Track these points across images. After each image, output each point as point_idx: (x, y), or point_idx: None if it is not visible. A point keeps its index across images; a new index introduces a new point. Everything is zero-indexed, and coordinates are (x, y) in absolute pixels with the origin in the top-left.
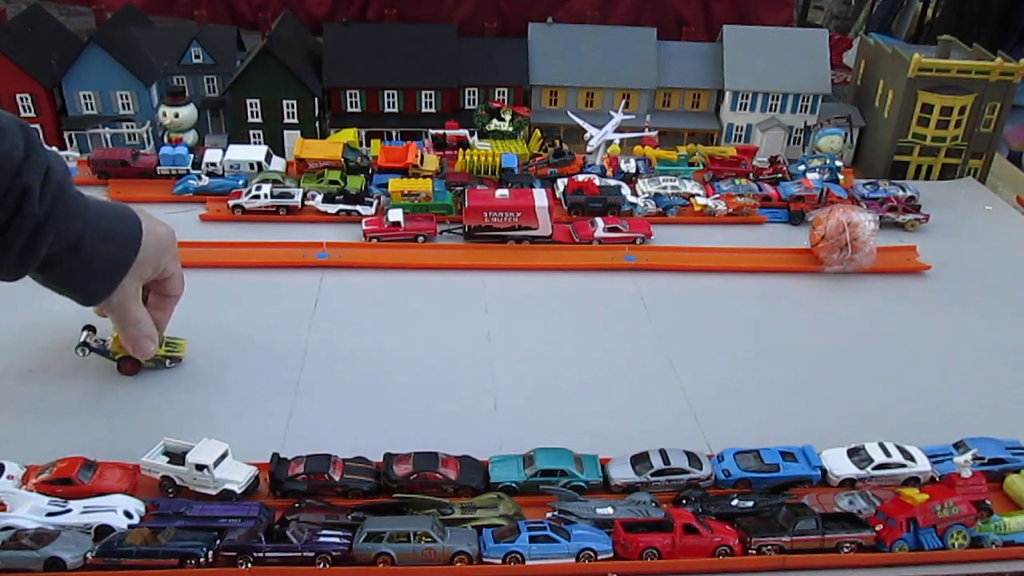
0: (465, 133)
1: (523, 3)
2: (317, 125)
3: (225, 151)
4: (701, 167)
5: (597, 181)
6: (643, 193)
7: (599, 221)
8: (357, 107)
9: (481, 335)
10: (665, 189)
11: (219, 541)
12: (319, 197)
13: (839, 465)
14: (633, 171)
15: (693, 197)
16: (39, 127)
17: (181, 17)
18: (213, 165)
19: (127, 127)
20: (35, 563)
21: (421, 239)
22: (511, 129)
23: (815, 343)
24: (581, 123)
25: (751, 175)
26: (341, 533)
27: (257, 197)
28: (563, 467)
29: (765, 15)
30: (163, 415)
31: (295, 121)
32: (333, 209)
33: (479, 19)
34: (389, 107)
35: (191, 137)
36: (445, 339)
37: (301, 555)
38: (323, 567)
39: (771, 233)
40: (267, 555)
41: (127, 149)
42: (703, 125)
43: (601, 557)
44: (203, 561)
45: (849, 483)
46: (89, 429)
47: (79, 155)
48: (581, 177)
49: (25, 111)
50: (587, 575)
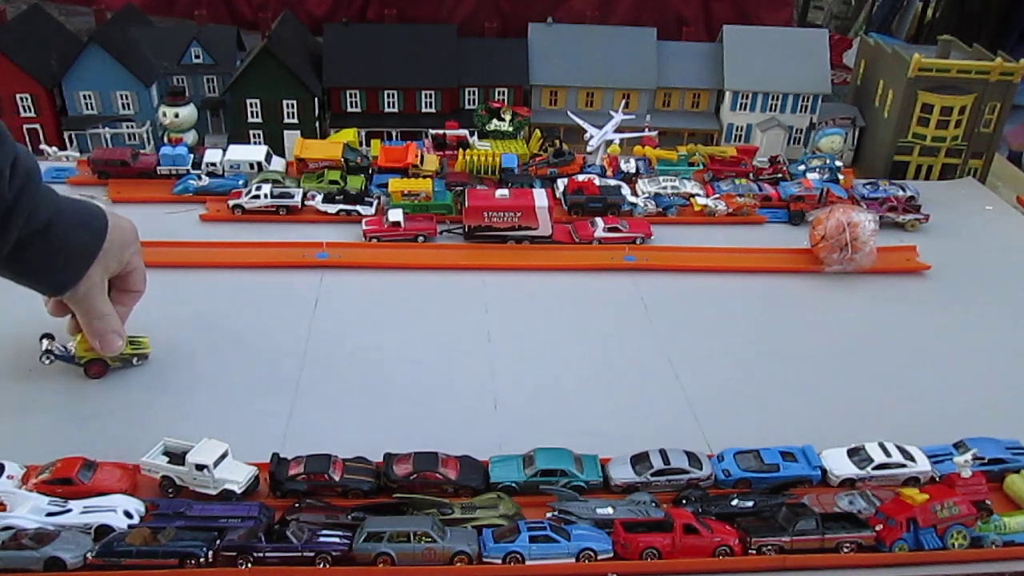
0: (465, 133)
1: (523, 3)
2: (317, 125)
3: (225, 151)
4: (701, 167)
5: (597, 181)
6: (643, 193)
7: (599, 221)
8: (357, 107)
9: (481, 335)
10: (665, 189)
11: (219, 541)
12: (319, 197)
13: (839, 465)
14: (633, 171)
15: (693, 197)
16: (39, 127)
17: (181, 17)
18: (213, 165)
19: (127, 127)
20: (35, 563)
21: (421, 239)
22: (511, 129)
23: (815, 343)
24: (581, 123)
25: (751, 175)
26: (341, 533)
27: (257, 197)
28: (563, 467)
29: (765, 15)
30: (163, 415)
31: (295, 121)
32: (333, 209)
33: (479, 19)
34: (389, 107)
35: (191, 137)
36: (445, 339)
37: (301, 555)
38: (323, 567)
39: (771, 233)
40: (267, 555)
41: (127, 149)
42: (703, 125)
43: (601, 557)
44: (203, 561)
45: (849, 483)
46: (89, 429)
47: (79, 155)
48: (581, 177)
49: (25, 111)
50: (587, 575)
